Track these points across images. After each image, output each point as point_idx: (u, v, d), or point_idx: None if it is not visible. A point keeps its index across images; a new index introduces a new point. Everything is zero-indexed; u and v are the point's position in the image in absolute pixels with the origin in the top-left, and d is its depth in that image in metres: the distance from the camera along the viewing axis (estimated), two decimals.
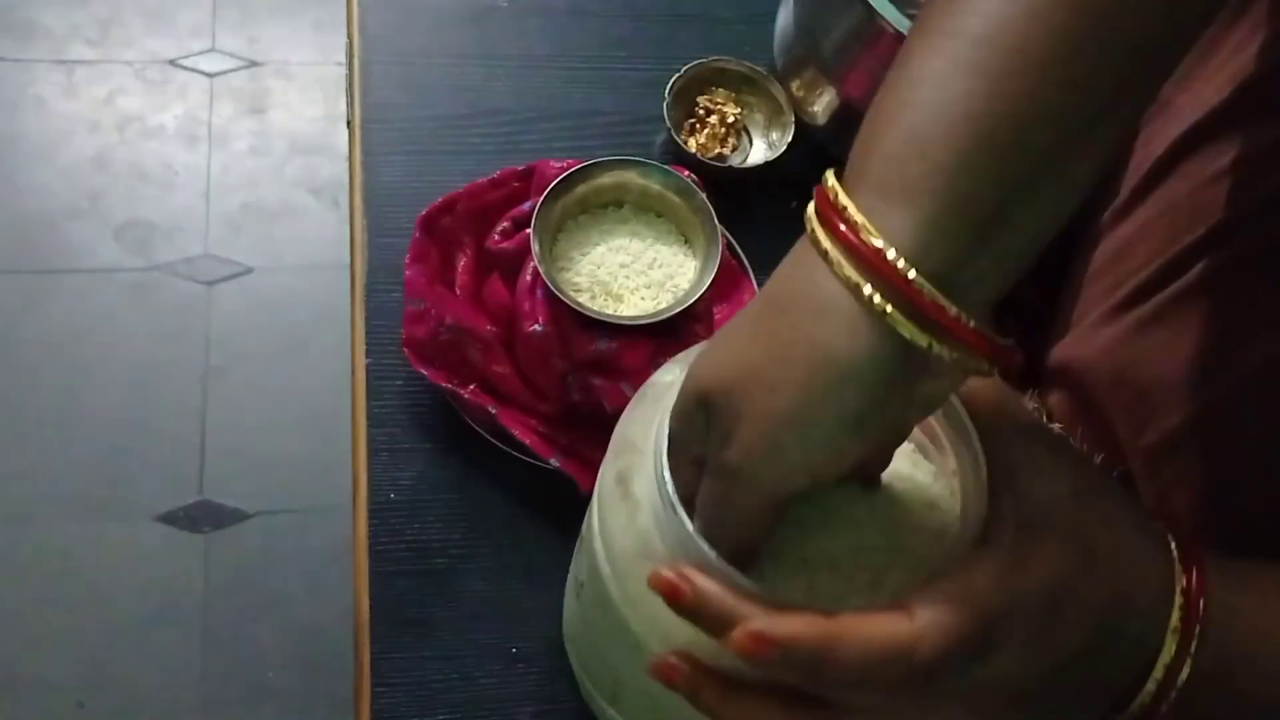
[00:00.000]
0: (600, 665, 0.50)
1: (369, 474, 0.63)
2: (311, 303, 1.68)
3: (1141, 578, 0.37)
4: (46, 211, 1.72)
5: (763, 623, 0.33)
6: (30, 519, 1.47)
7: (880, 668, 0.33)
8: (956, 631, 0.33)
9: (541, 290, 0.63)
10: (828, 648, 0.33)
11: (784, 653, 0.33)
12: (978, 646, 0.33)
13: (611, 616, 0.43)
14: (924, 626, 0.33)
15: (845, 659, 0.33)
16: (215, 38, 1.93)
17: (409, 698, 0.57)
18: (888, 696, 0.34)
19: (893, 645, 0.33)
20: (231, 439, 1.56)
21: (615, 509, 0.42)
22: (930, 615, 0.33)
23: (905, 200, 0.34)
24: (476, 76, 0.78)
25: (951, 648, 0.33)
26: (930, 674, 0.33)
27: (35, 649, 1.38)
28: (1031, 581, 0.34)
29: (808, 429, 0.35)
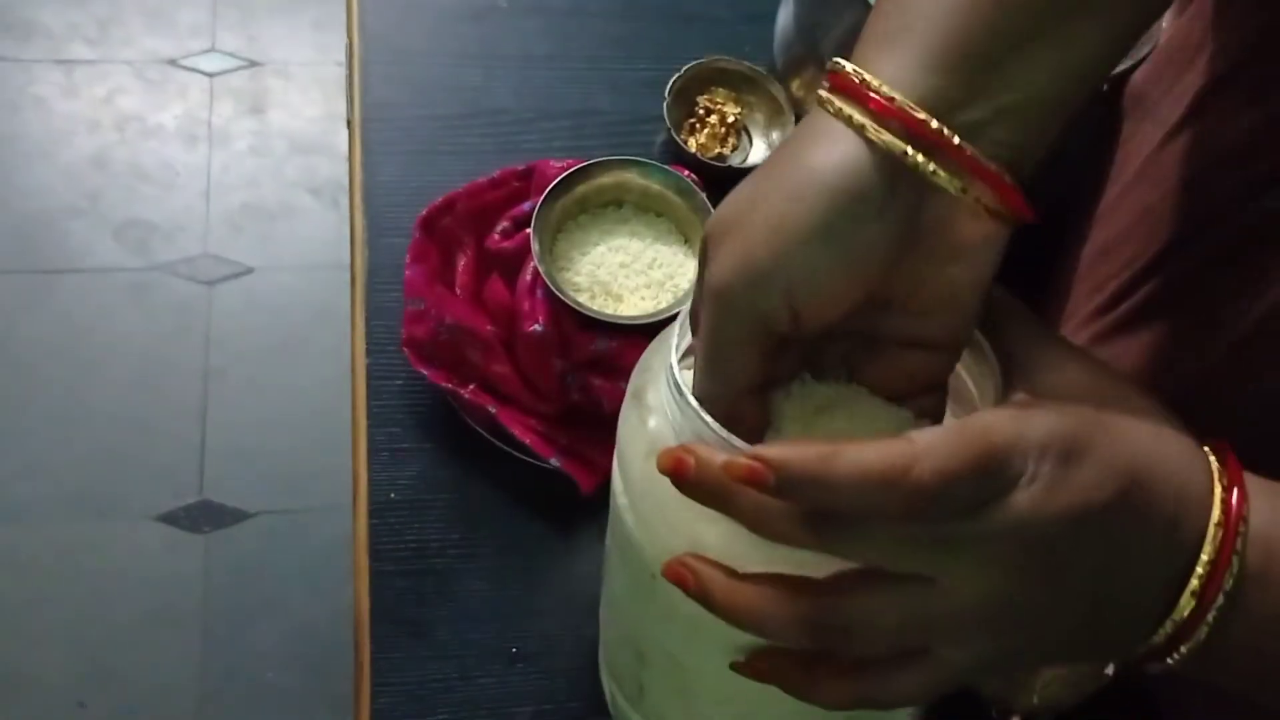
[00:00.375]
0: (624, 649, 0.49)
1: (369, 474, 0.63)
2: (311, 303, 1.68)
3: (1171, 455, 0.34)
4: (46, 211, 1.72)
5: (760, 449, 0.32)
6: (30, 519, 1.47)
7: (878, 487, 0.31)
8: (958, 452, 0.31)
9: (541, 290, 0.63)
10: (824, 465, 0.31)
11: (780, 475, 0.31)
12: (983, 473, 0.31)
13: (627, 548, 0.43)
14: (924, 446, 0.31)
15: (841, 475, 0.31)
16: (215, 37, 1.93)
17: (408, 697, 0.57)
18: (895, 547, 0.32)
19: (891, 462, 0.31)
20: (231, 439, 1.56)
21: (629, 420, 0.42)
22: (931, 437, 0.31)
23: (894, 45, 0.35)
24: (476, 76, 0.78)
25: (952, 468, 0.31)
26: (932, 498, 0.31)
27: (35, 649, 1.38)
28: (1043, 423, 0.32)
29: (781, 240, 0.34)
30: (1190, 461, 0.34)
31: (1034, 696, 0.52)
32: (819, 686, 0.36)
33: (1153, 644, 0.35)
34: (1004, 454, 0.32)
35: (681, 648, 0.44)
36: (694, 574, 0.35)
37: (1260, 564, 0.34)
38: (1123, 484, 0.33)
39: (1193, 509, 0.34)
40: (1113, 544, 0.33)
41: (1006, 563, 0.32)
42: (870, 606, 0.33)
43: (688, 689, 0.46)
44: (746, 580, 0.35)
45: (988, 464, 0.31)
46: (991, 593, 0.32)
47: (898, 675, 0.35)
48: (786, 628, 0.34)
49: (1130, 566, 0.34)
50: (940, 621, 0.33)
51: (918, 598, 0.33)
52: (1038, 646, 0.35)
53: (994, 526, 0.32)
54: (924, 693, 0.35)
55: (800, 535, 0.33)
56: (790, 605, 0.34)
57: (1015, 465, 0.32)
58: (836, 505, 0.32)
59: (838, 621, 0.34)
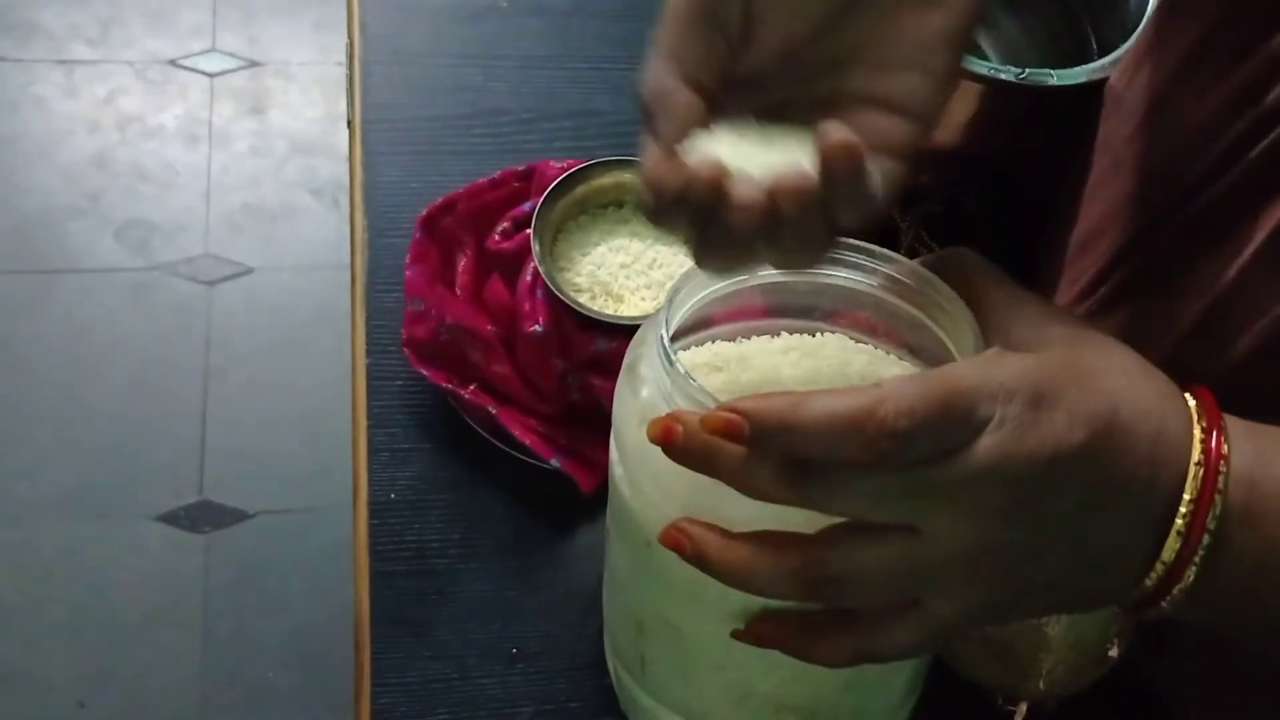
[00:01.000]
0: (625, 622, 0.50)
1: (369, 474, 0.63)
2: (311, 303, 1.68)
3: (1147, 399, 0.34)
4: (46, 211, 1.72)
5: (731, 401, 0.33)
6: (30, 519, 1.47)
7: (846, 430, 0.31)
8: (924, 394, 0.31)
9: (541, 290, 0.63)
10: (793, 412, 0.32)
11: (753, 423, 0.32)
12: (949, 417, 0.32)
13: (625, 525, 0.43)
14: (889, 390, 0.32)
15: (810, 420, 0.32)
16: (215, 38, 1.93)
17: (409, 698, 0.57)
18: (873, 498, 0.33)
19: (857, 403, 0.31)
20: (231, 439, 1.56)
21: (622, 394, 0.43)
22: (897, 382, 0.32)
23: None
24: (476, 76, 0.78)
25: (918, 410, 0.31)
26: (899, 438, 0.31)
27: (35, 649, 1.38)
28: (1011, 371, 0.33)
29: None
30: (1168, 405, 0.35)
31: (1039, 683, 0.52)
32: (816, 645, 0.36)
33: (1144, 589, 0.35)
34: (970, 398, 0.32)
35: (679, 614, 0.44)
36: (689, 537, 0.36)
37: (1244, 501, 0.34)
38: (1095, 427, 0.33)
39: (1171, 450, 0.34)
40: (1088, 487, 0.33)
41: (982, 508, 0.33)
42: (858, 557, 0.34)
43: (687, 658, 0.46)
44: (739, 540, 0.35)
45: (954, 407, 0.32)
46: (971, 539, 0.33)
47: (892, 629, 0.35)
48: (779, 582, 0.35)
49: (1110, 510, 0.34)
50: (926, 570, 0.34)
51: (903, 548, 0.33)
52: (1026, 593, 0.35)
53: (965, 472, 0.32)
54: (920, 645, 0.36)
55: (782, 490, 0.34)
56: (782, 560, 0.35)
57: (983, 409, 0.32)
58: (808, 451, 0.33)
59: (828, 573, 0.34)
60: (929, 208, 0.76)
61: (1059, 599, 0.36)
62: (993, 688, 0.54)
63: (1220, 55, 0.47)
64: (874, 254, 0.41)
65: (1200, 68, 0.48)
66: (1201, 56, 0.49)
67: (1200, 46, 0.49)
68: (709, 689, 0.47)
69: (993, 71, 0.64)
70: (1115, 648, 0.52)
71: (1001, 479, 0.32)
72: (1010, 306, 0.37)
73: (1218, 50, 0.47)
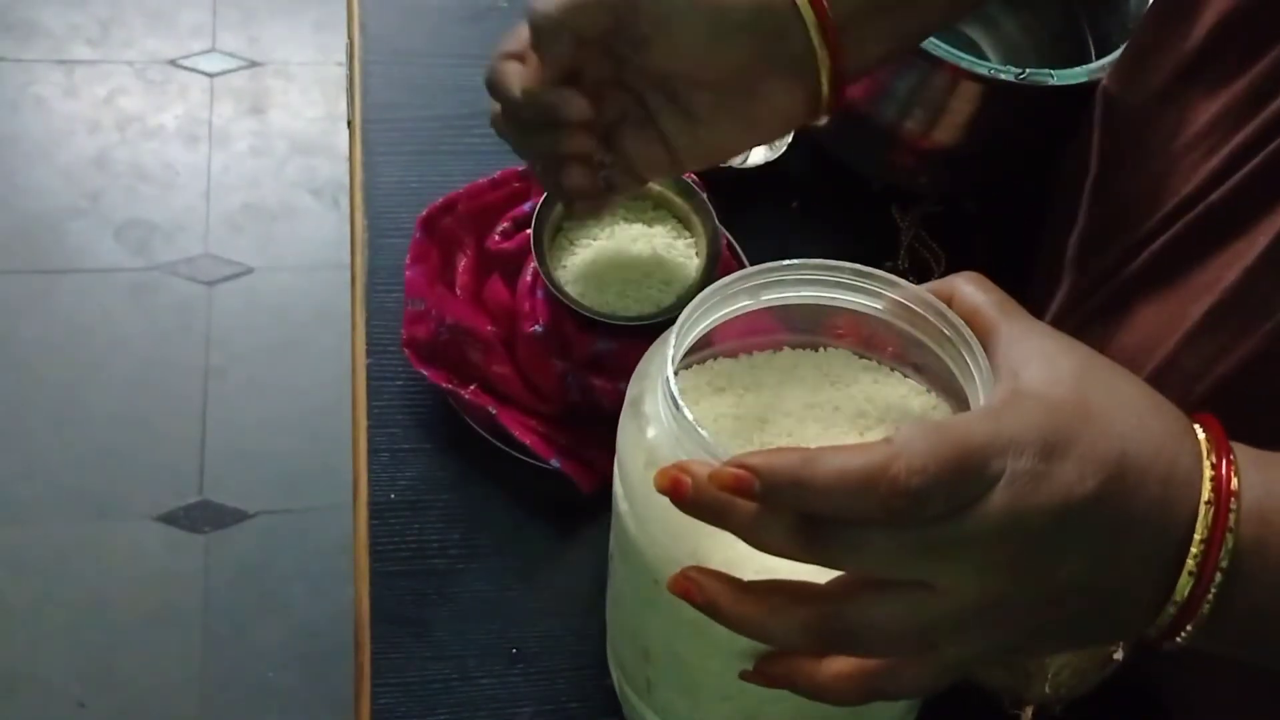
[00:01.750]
0: (630, 645, 0.50)
1: (369, 474, 0.63)
2: (311, 303, 1.68)
3: (1156, 438, 0.34)
4: (46, 211, 1.72)
5: (742, 457, 0.33)
6: (30, 519, 1.47)
7: (858, 487, 0.31)
8: (936, 452, 0.31)
9: (541, 290, 0.63)
10: (805, 469, 0.32)
11: (764, 480, 0.32)
12: (962, 473, 0.32)
13: (632, 560, 0.43)
14: (901, 445, 0.32)
15: (822, 477, 0.32)
16: (215, 38, 1.93)
17: (409, 698, 0.57)
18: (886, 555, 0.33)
19: (870, 461, 0.32)
20: (231, 439, 1.56)
21: (627, 430, 0.42)
22: (908, 438, 0.32)
23: None
24: (476, 76, 0.77)
25: (931, 467, 0.31)
26: (911, 497, 0.31)
27: (35, 649, 1.38)
28: (1021, 421, 0.33)
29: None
30: (1177, 442, 0.35)
31: (1045, 686, 0.52)
32: (827, 687, 0.36)
33: (1158, 625, 0.35)
34: (982, 453, 0.32)
35: (687, 649, 0.44)
36: (699, 587, 0.36)
37: (1256, 536, 0.34)
38: (1106, 473, 0.33)
39: (1182, 490, 0.34)
40: (1101, 535, 0.33)
41: (996, 563, 0.33)
42: (872, 612, 0.34)
43: (694, 686, 0.46)
44: (751, 591, 0.35)
45: (967, 464, 0.32)
46: (984, 592, 0.33)
47: (903, 671, 0.35)
48: (792, 635, 0.35)
49: (1123, 554, 0.34)
50: (940, 624, 0.34)
51: (916, 601, 0.33)
52: (1039, 634, 0.35)
53: (977, 528, 0.32)
54: (930, 685, 0.36)
55: (795, 548, 0.33)
56: (795, 613, 0.34)
57: (994, 465, 0.32)
58: (820, 508, 0.32)
59: (842, 626, 0.34)
60: (929, 208, 0.76)
61: (1072, 637, 0.37)
62: (998, 692, 0.54)
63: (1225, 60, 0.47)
64: (880, 279, 0.41)
65: (1205, 72, 0.49)
66: (1206, 61, 0.49)
67: (1204, 51, 0.49)
68: (715, 715, 0.47)
69: (993, 72, 0.64)
70: (1120, 651, 0.52)
71: (1014, 533, 0.32)
72: (1019, 342, 0.37)
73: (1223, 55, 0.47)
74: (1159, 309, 0.49)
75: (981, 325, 0.38)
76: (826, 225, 0.74)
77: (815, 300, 0.42)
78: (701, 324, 0.41)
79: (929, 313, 0.40)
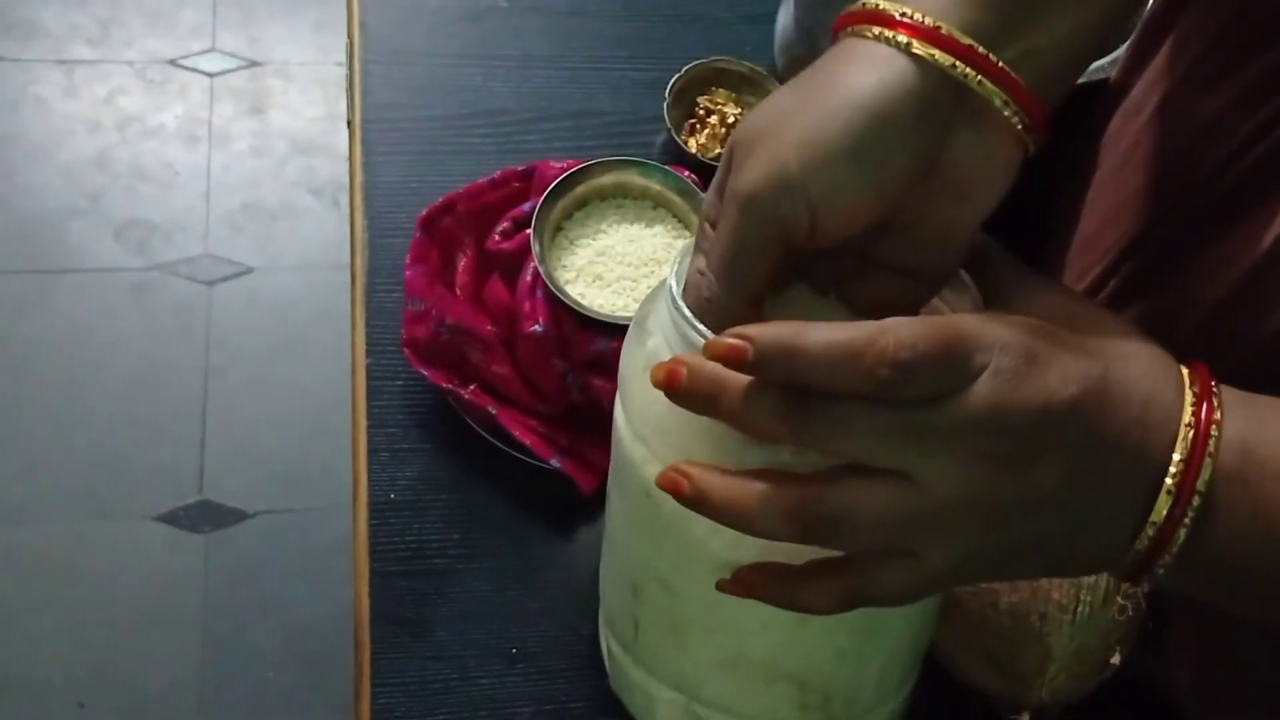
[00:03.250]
0: (619, 588, 0.50)
1: (369, 474, 0.63)
2: (311, 303, 1.68)
3: (1140, 364, 0.36)
4: (46, 211, 1.72)
5: (736, 329, 0.34)
6: (30, 519, 1.47)
7: (845, 356, 0.33)
8: (924, 333, 0.33)
9: (541, 290, 0.63)
10: (795, 338, 0.33)
11: (756, 347, 0.33)
12: (947, 357, 0.33)
13: (624, 478, 0.44)
14: (891, 324, 0.33)
15: (811, 346, 0.33)
16: (215, 37, 1.93)
17: (408, 698, 0.57)
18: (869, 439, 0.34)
19: (860, 333, 0.33)
20: (231, 439, 1.56)
21: (630, 347, 0.43)
22: (899, 320, 0.33)
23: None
24: (476, 76, 0.78)
25: (919, 344, 0.32)
26: (896, 369, 0.32)
27: (35, 649, 1.38)
28: (1009, 327, 0.34)
29: (812, 154, 0.36)
30: (1163, 370, 0.36)
31: (1042, 691, 0.52)
32: (804, 591, 0.37)
33: (1135, 552, 0.35)
34: (969, 344, 0.33)
35: (673, 572, 0.44)
36: (688, 478, 0.36)
37: (1236, 465, 0.34)
38: (1086, 385, 0.34)
39: (1163, 413, 0.35)
40: (1080, 444, 0.34)
41: (974, 454, 0.33)
42: (855, 497, 0.34)
43: (680, 620, 0.46)
44: (736, 476, 0.36)
45: (953, 348, 0.33)
46: (964, 485, 0.33)
47: (883, 573, 0.35)
48: (775, 519, 0.35)
49: (1101, 468, 0.34)
50: (920, 516, 0.34)
51: (897, 492, 0.34)
52: (1017, 548, 0.35)
53: (959, 415, 0.33)
54: (910, 591, 0.36)
55: (782, 426, 0.34)
56: (778, 497, 0.35)
57: (979, 357, 0.33)
58: (809, 377, 0.33)
59: (824, 512, 0.34)
60: None
61: (1051, 559, 0.37)
62: (995, 697, 0.54)
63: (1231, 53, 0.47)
64: None
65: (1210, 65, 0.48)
66: (1212, 54, 0.49)
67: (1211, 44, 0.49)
68: (701, 654, 0.47)
69: None
70: (1117, 655, 0.52)
71: (994, 426, 0.33)
72: (1010, 276, 0.39)
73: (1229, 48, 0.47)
74: (1162, 303, 0.49)
75: (981, 272, 0.40)
76: None
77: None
78: None
79: None
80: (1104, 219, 0.56)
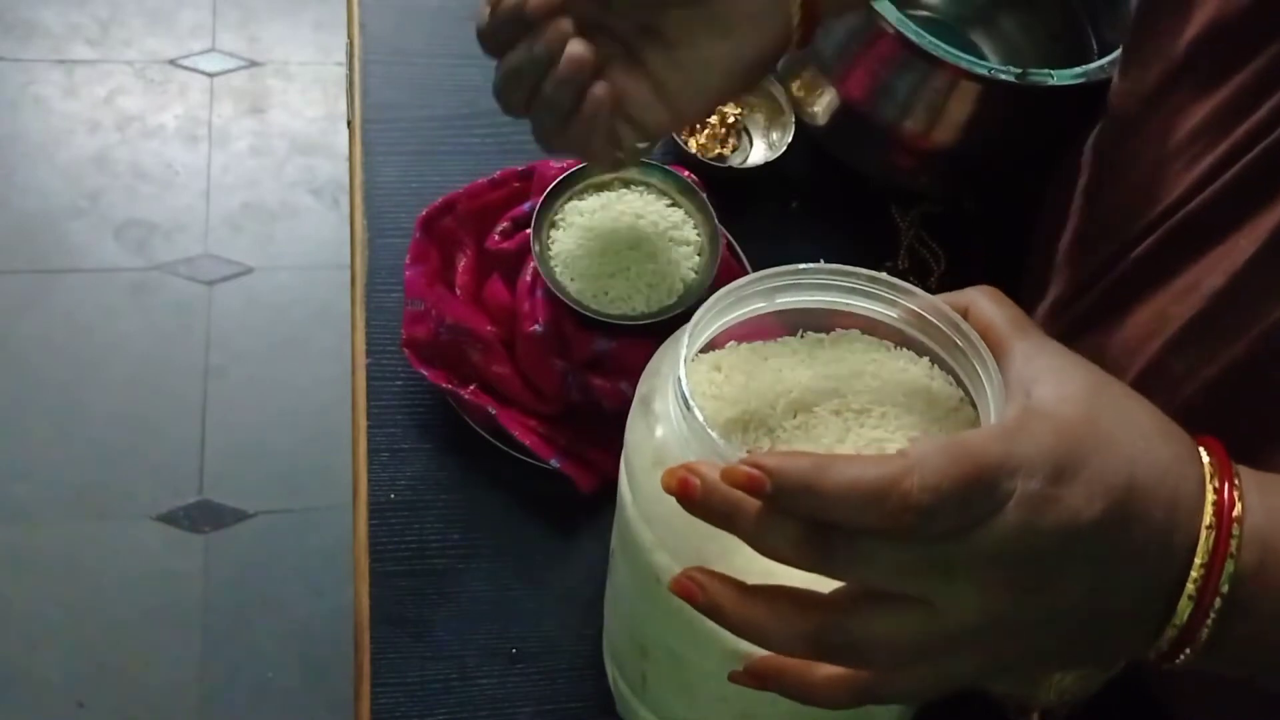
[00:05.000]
0: (628, 642, 0.50)
1: (369, 474, 0.63)
2: (311, 303, 1.68)
3: (1162, 463, 0.35)
4: (46, 211, 1.72)
5: (756, 456, 0.33)
6: (30, 519, 1.47)
7: (868, 498, 0.32)
8: (949, 470, 0.32)
9: (541, 290, 0.63)
10: (818, 474, 0.32)
11: (775, 481, 0.32)
12: (972, 493, 0.32)
13: (636, 557, 0.43)
14: (915, 460, 0.32)
15: (834, 484, 0.32)
16: (215, 37, 1.93)
17: (408, 698, 0.57)
18: (890, 570, 0.33)
19: (882, 473, 0.32)
20: (231, 438, 1.56)
21: (636, 427, 0.42)
22: (923, 453, 0.32)
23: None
24: (476, 76, 0.78)
25: (943, 485, 0.31)
26: (921, 513, 0.31)
27: (35, 649, 1.38)
28: (1033, 443, 0.33)
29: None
30: (1183, 466, 0.35)
31: (1050, 693, 0.52)
32: (818, 690, 0.36)
33: (1158, 648, 0.35)
34: (993, 474, 0.32)
35: (685, 648, 0.44)
36: (702, 589, 0.36)
37: (1256, 562, 0.34)
38: (1113, 499, 0.33)
39: (1185, 515, 0.34)
40: (1104, 560, 0.33)
41: (998, 583, 0.33)
42: (875, 625, 0.34)
43: (689, 685, 0.46)
44: (754, 595, 0.35)
45: (977, 483, 0.32)
46: (986, 611, 0.33)
47: (897, 679, 0.35)
48: (792, 642, 0.35)
49: (1125, 578, 0.34)
50: (940, 640, 0.34)
51: (917, 619, 0.33)
52: (1037, 656, 0.35)
53: (984, 548, 0.32)
54: (923, 695, 0.36)
55: (800, 556, 0.33)
56: (797, 621, 0.34)
57: (1005, 486, 0.32)
58: (829, 515, 0.32)
59: (842, 640, 0.34)
60: (929, 208, 0.76)
61: (1071, 658, 0.37)
62: (1003, 698, 0.54)
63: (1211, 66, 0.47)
64: (895, 287, 0.41)
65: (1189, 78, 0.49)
66: (1190, 67, 0.49)
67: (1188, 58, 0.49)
68: (710, 713, 0.47)
69: (993, 72, 0.64)
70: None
71: (1019, 555, 0.33)
72: (1032, 358, 0.37)
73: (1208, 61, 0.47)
74: (1146, 312, 0.49)
75: (995, 340, 0.38)
76: (826, 225, 0.74)
77: (828, 305, 0.42)
78: (714, 325, 0.42)
79: (943, 323, 0.40)
80: (1090, 226, 0.56)
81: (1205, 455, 0.35)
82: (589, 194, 0.66)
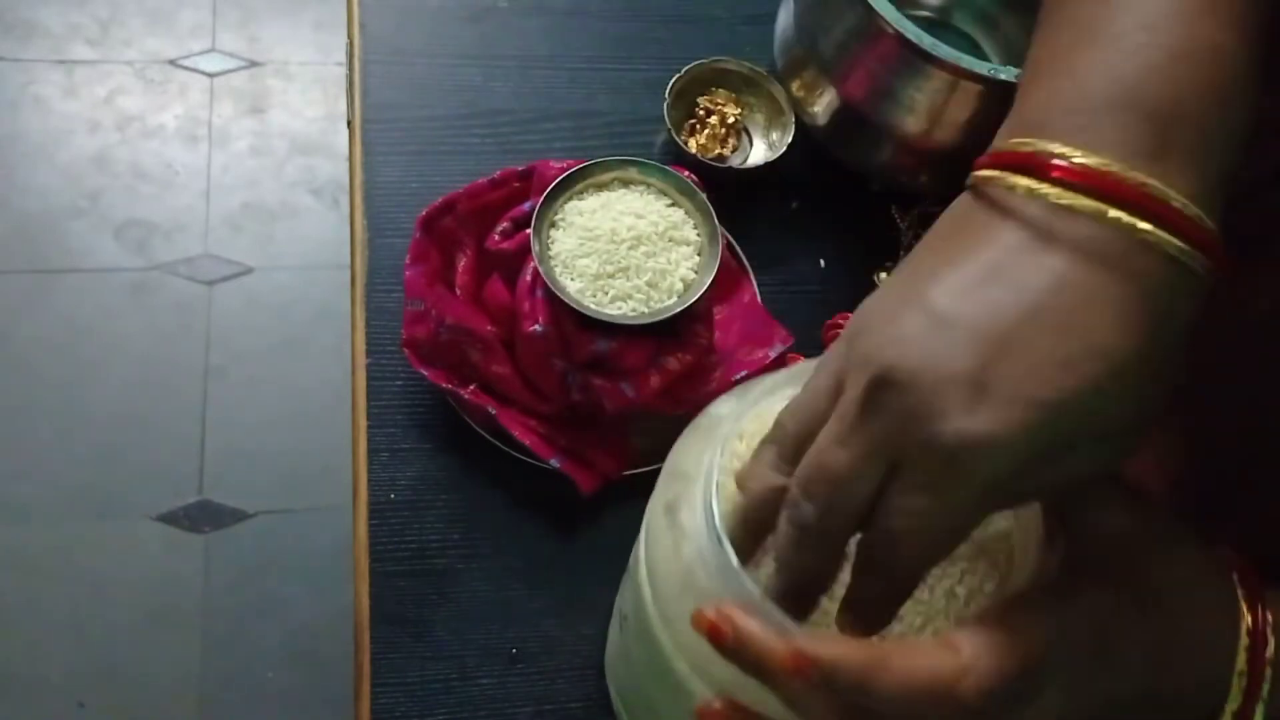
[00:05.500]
0: (641, 702, 0.50)
1: (369, 474, 0.63)
2: (311, 303, 1.68)
3: (1201, 615, 0.35)
4: (46, 211, 1.72)
5: (807, 643, 0.32)
6: (30, 519, 1.47)
7: (925, 701, 0.32)
8: (1003, 669, 0.32)
9: (541, 290, 0.63)
10: (871, 674, 0.32)
11: (826, 675, 0.32)
12: (1024, 684, 0.32)
13: (654, 652, 0.42)
14: (970, 660, 0.32)
15: (889, 686, 0.32)
16: (215, 37, 1.93)
17: (408, 698, 0.57)
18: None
19: (938, 678, 0.32)
20: (231, 439, 1.56)
21: (661, 539, 0.41)
22: (976, 650, 0.32)
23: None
24: (476, 76, 0.78)
25: (997, 686, 0.32)
26: (974, 713, 0.32)
27: (35, 649, 1.38)
28: (1080, 617, 0.33)
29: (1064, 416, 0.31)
30: (1218, 622, 0.35)
31: None
32: None
33: None
34: (1044, 662, 0.32)
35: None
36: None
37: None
38: (1158, 661, 0.34)
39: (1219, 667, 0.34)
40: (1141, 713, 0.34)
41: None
42: None
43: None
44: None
45: (1029, 677, 0.32)
46: None
47: None
48: None
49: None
50: None
51: None
52: None
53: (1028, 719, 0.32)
54: None
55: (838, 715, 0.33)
56: None
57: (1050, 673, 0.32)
58: (878, 711, 0.32)
59: None
60: (929, 208, 0.76)
61: None
62: None
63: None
64: None
65: None
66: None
67: None
68: None
69: (993, 71, 0.64)
70: None
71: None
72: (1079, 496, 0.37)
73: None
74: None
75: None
76: (826, 225, 0.74)
77: None
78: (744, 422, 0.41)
79: None
80: None
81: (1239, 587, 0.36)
82: (589, 194, 0.66)
